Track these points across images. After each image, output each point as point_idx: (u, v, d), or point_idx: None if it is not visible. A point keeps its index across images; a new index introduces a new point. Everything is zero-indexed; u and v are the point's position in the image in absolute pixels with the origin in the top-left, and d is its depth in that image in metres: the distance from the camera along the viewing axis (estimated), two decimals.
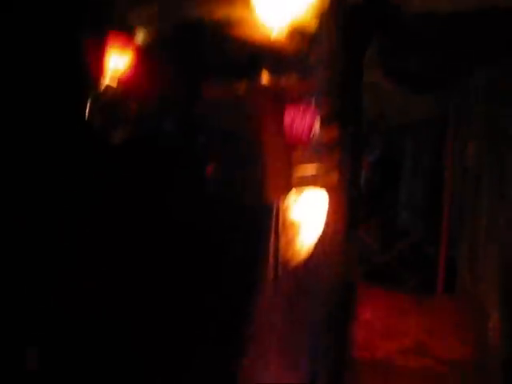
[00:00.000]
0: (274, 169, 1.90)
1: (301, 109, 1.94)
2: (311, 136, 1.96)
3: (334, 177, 2.03)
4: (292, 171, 1.94)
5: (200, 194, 1.91)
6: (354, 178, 2.11)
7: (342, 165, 2.03)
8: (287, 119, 1.93)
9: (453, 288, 3.10)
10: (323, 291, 2.13)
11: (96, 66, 1.94)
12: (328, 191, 2.02)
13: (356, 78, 2.11)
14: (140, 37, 1.93)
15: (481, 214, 2.87)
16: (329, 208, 2.05)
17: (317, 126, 1.96)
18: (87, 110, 1.91)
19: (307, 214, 2.05)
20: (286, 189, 1.94)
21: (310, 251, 2.08)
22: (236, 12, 1.93)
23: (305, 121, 1.94)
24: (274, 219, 1.99)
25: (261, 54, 1.92)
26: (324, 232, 2.07)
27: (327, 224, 2.07)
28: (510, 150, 2.44)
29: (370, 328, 2.66)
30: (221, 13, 1.91)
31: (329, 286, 2.13)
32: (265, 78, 1.87)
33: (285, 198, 1.95)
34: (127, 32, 1.92)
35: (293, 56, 1.97)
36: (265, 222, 1.98)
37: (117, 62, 1.93)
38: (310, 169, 1.99)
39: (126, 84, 1.93)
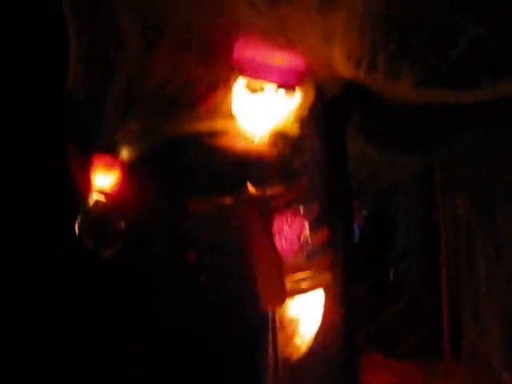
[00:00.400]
0: (267, 278, 1.90)
1: (289, 216, 1.95)
2: (301, 242, 1.97)
3: (328, 275, 2.04)
4: (285, 279, 1.94)
5: (190, 306, 1.90)
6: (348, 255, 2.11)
7: (336, 262, 2.04)
8: (276, 228, 1.93)
9: (459, 346, 3.09)
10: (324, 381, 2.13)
11: (83, 184, 1.95)
12: (324, 289, 2.03)
13: (341, 164, 2.12)
14: (125, 154, 1.93)
15: (478, 269, 2.87)
16: (325, 303, 2.06)
17: (306, 231, 1.97)
18: (76, 226, 1.92)
19: (304, 311, 2.05)
20: (281, 298, 1.94)
21: (309, 346, 2.08)
22: (218, 124, 1.94)
23: (294, 228, 1.95)
24: (270, 321, 1.99)
25: (245, 164, 1.93)
26: (322, 326, 2.08)
27: (325, 318, 2.07)
28: (498, 202, 2.44)
29: None
30: (203, 126, 1.92)
31: (330, 379, 2.13)
32: (250, 188, 1.87)
33: (280, 305, 1.95)
34: (113, 149, 1.93)
35: (277, 163, 1.98)
36: (261, 325, 1.98)
37: (104, 180, 1.93)
38: (303, 274, 1.99)
39: (114, 200, 1.93)
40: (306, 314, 2.06)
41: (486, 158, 2.67)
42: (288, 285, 1.93)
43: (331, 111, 2.03)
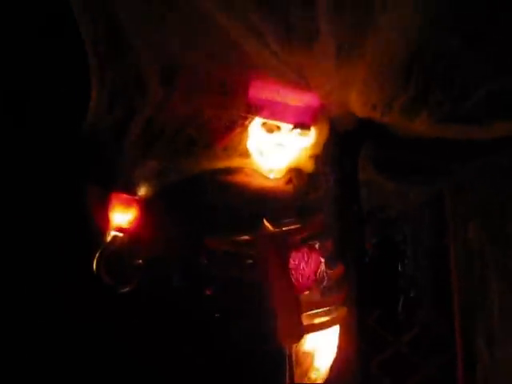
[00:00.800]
0: (284, 315, 1.92)
1: (305, 253, 1.97)
2: (318, 278, 1.99)
3: (343, 311, 2.05)
4: (302, 316, 1.96)
5: (207, 342, 1.92)
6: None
7: (349, 296, 2.05)
8: (292, 264, 1.96)
9: (473, 374, 3.07)
10: None
11: (102, 221, 1.98)
12: (339, 324, 2.05)
13: (353, 198, 2.15)
14: (143, 191, 1.97)
15: (491, 296, 2.86)
16: (340, 336, 2.08)
17: (322, 267, 1.99)
18: (95, 261, 1.94)
19: (319, 345, 2.07)
20: (298, 334, 1.96)
21: (324, 379, 2.09)
22: (234, 162, 1.98)
23: (310, 264, 1.97)
24: (287, 356, 2.00)
25: (261, 201, 1.96)
26: (337, 359, 2.09)
27: (339, 351, 2.09)
28: (509, 227, 2.45)
29: None
30: (220, 164, 1.96)
31: None
32: (267, 225, 1.90)
33: (297, 342, 1.97)
34: (131, 187, 1.96)
35: (292, 200, 2.01)
36: (279, 361, 2.00)
37: (122, 217, 1.96)
38: (319, 310, 2.01)
39: (131, 236, 1.96)
40: (320, 347, 2.08)
41: (495, 184, 2.69)
42: (304, 321, 1.94)
43: (344, 146, 2.06)
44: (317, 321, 2.00)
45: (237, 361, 1.93)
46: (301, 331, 1.96)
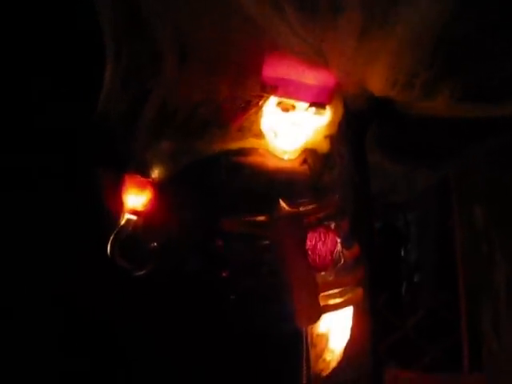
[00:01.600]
0: (301, 296, 1.91)
1: (321, 233, 1.96)
2: (334, 259, 1.97)
3: (359, 292, 2.04)
4: (319, 297, 1.95)
5: (223, 326, 1.90)
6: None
7: (366, 278, 2.05)
8: (309, 245, 1.94)
9: (479, 357, 3.08)
10: None
11: (115, 205, 1.95)
12: (353, 305, 2.04)
13: (365, 178, 2.14)
14: (157, 173, 1.94)
15: (497, 278, 2.87)
16: (354, 318, 2.07)
17: (338, 247, 1.97)
18: (108, 246, 1.92)
19: (334, 326, 2.06)
20: (315, 315, 1.95)
21: (339, 360, 2.08)
22: (249, 142, 1.96)
23: (326, 245, 1.96)
24: (304, 339, 1.99)
25: (276, 182, 1.94)
26: (350, 341, 2.09)
27: (353, 333, 2.08)
28: None
29: None
30: (235, 145, 1.93)
31: None
32: (283, 205, 1.88)
33: (314, 323, 1.95)
34: (144, 169, 1.93)
35: (307, 180, 1.99)
36: (295, 343, 1.99)
37: (135, 199, 1.94)
38: (335, 290, 2.00)
39: (146, 219, 1.94)
40: (335, 329, 2.07)
41: (500, 167, 2.69)
42: (321, 302, 1.93)
43: (357, 126, 2.04)
44: (332, 302, 1.98)
45: (252, 343, 1.91)
46: (318, 312, 1.94)
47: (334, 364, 2.10)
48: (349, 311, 2.06)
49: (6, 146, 2.05)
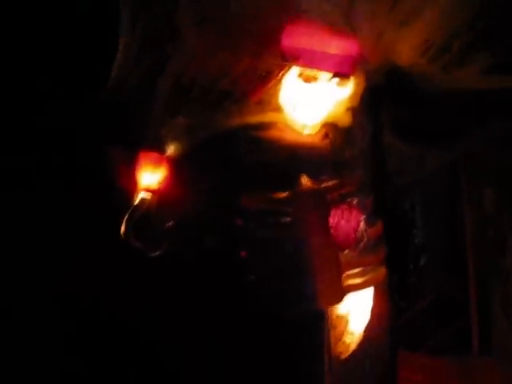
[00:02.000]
0: (324, 275, 1.84)
1: (344, 210, 1.89)
2: (357, 237, 1.90)
3: (382, 271, 1.98)
4: (342, 276, 1.88)
5: (242, 307, 1.83)
6: None
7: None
8: (331, 223, 1.87)
9: (489, 339, 3.05)
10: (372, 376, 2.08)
11: (129, 183, 1.87)
12: (375, 285, 1.98)
13: (382, 154, 2.08)
14: (172, 149, 1.86)
15: (508, 261, 2.84)
16: (375, 299, 2.01)
17: (362, 225, 1.91)
18: (123, 225, 1.84)
19: (354, 307, 2.00)
20: (338, 295, 1.88)
21: (359, 341, 2.02)
22: (269, 116, 1.88)
23: (350, 222, 1.89)
24: (325, 319, 1.93)
25: (297, 157, 1.86)
26: (371, 322, 2.03)
27: (373, 314, 2.02)
28: None
29: None
30: (254, 119, 1.85)
31: (377, 371, 2.09)
32: (305, 181, 1.81)
33: (337, 303, 1.89)
34: (159, 145, 1.85)
35: (329, 155, 1.92)
36: (316, 324, 1.92)
37: (150, 177, 1.86)
38: (358, 269, 1.93)
39: (161, 198, 1.85)
40: (355, 310, 2.00)
41: (510, 150, 2.64)
42: (344, 281, 1.86)
43: (374, 99, 1.97)
44: (355, 281, 1.91)
45: (271, 325, 1.84)
46: (341, 292, 1.87)
47: (353, 347, 2.04)
48: (370, 292, 2.00)
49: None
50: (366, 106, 1.93)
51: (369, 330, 2.05)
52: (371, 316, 2.03)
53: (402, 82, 1.99)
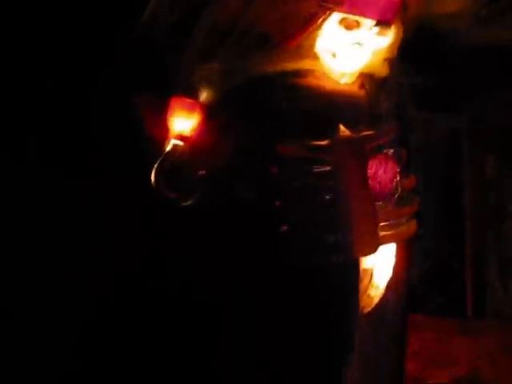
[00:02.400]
0: (361, 225, 1.82)
1: (381, 160, 1.87)
2: (394, 188, 1.89)
3: (413, 224, 1.98)
4: (377, 226, 1.87)
5: (275, 257, 1.80)
6: None
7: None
8: (369, 173, 1.85)
9: (483, 304, 3.10)
10: (390, 332, 2.09)
11: (159, 129, 1.81)
12: (406, 239, 1.97)
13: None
14: (206, 95, 1.80)
15: (506, 227, 2.87)
16: (398, 253, 2.01)
17: (398, 176, 1.89)
18: (153, 174, 1.78)
19: (379, 260, 1.99)
20: (374, 245, 1.87)
21: (381, 295, 2.02)
22: (306, 63, 1.84)
23: (387, 173, 1.87)
24: (358, 270, 1.92)
25: (335, 105, 1.83)
26: (393, 276, 2.03)
27: (396, 268, 2.02)
28: None
29: (419, 358, 2.63)
30: (288, 66, 1.81)
31: (394, 328, 2.10)
32: (343, 130, 1.78)
33: (372, 253, 1.87)
34: (192, 90, 1.79)
35: (365, 104, 1.89)
36: (350, 275, 1.91)
37: (182, 124, 1.80)
38: (393, 221, 1.92)
39: (194, 145, 1.80)
40: (379, 264, 2.00)
41: None
42: (380, 231, 1.85)
43: (411, 52, 1.95)
44: (388, 233, 1.90)
45: (304, 274, 1.82)
46: (377, 242, 1.86)
47: (376, 300, 2.03)
48: (393, 246, 1.99)
49: None
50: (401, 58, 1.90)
51: (389, 285, 2.05)
52: (395, 269, 2.03)
53: (432, 36, 1.97)
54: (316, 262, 1.84)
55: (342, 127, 1.80)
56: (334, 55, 1.83)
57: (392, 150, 1.87)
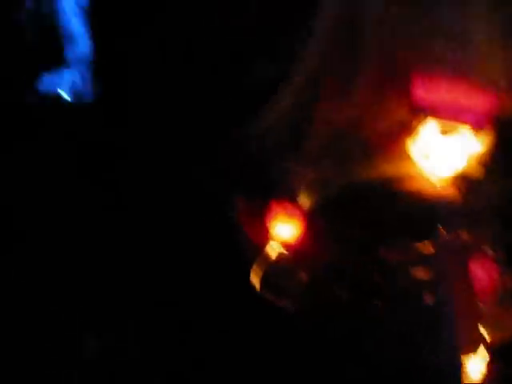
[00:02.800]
0: (464, 326, 1.81)
1: (481, 261, 1.88)
2: (494, 288, 1.89)
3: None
4: (479, 325, 1.85)
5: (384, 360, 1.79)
6: None
7: None
8: (472, 274, 1.86)
9: None
10: None
11: (255, 232, 1.85)
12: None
13: None
14: (305, 201, 1.85)
15: None
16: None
17: (497, 276, 1.89)
18: (258, 281, 1.81)
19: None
20: (475, 345, 1.85)
21: None
22: (401, 168, 1.88)
23: (487, 274, 1.87)
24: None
25: (433, 208, 1.86)
26: None
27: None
28: None
29: None
30: (386, 171, 1.86)
31: None
32: (443, 233, 1.80)
33: (474, 352, 1.85)
34: (292, 196, 1.84)
35: (461, 206, 1.92)
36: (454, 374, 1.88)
37: (284, 229, 1.84)
38: (494, 322, 1.91)
39: (296, 250, 1.83)
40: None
41: None
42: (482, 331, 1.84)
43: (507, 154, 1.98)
44: (491, 335, 1.89)
45: (408, 374, 1.80)
46: (478, 341, 1.84)
47: None
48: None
49: None
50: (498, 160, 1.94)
51: None
52: None
53: None
54: (420, 362, 1.82)
55: (441, 231, 1.82)
56: (430, 158, 1.87)
57: (490, 251, 1.87)
